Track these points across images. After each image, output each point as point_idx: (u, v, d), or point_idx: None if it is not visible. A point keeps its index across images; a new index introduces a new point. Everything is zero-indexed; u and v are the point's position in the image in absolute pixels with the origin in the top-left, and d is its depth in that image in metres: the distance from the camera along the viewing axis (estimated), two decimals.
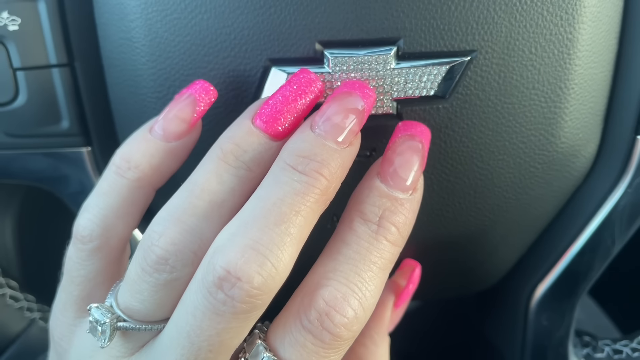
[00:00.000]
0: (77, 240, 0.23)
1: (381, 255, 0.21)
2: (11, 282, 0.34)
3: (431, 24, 0.24)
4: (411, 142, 0.23)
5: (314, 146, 0.21)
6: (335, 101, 0.22)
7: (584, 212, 0.30)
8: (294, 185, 0.20)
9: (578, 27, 0.24)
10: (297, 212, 0.20)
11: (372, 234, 0.21)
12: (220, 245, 0.19)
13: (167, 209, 0.21)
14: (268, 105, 0.22)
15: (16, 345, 0.33)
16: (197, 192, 0.21)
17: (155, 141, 0.23)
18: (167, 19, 0.24)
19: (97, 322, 0.21)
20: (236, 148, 0.22)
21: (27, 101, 0.27)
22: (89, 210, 0.23)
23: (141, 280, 0.21)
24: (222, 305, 0.19)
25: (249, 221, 0.20)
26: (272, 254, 0.19)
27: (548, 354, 0.33)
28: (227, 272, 0.19)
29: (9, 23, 0.26)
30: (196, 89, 0.24)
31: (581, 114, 0.26)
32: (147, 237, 0.21)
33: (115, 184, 0.23)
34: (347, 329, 0.20)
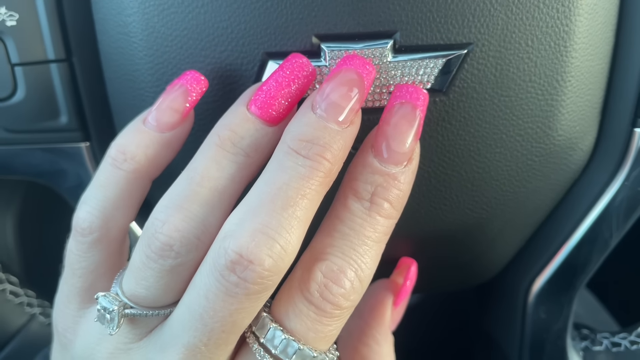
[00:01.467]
0: (77, 232, 0.24)
1: (375, 229, 0.22)
2: (11, 278, 0.35)
3: (428, 17, 0.24)
4: (405, 111, 0.22)
5: (315, 129, 0.21)
6: (334, 79, 0.22)
7: (582, 205, 0.30)
8: (299, 170, 0.20)
9: (574, 19, 0.24)
10: (302, 195, 0.20)
11: (365, 211, 0.22)
12: (230, 230, 0.20)
13: (168, 197, 0.22)
14: (262, 92, 0.22)
15: (17, 340, 0.33)
16: (198, 179, 0.22)
17: (150, 132, 0.24)
18: (164, 13, 0.24)
19: (105, 309, 0.22)
20: (233, 135, 0.22)
21: (26, 96, 0.27)
22: (87, 203, 0.24)
23: (146, 267, 0.21)
24: (234, 287, 0.20)
25: (257, 206, 0.20)
26: (281, 236, 0.20)
27: (546, 347, 0.33)
28: (240, 255, 0.19)
29: (7, 18, 0.26)
30: (187, 79, 0.24)
31: (578, 107, 0.26)
32: (150, 225, 0.21)
33: (112, 175, 0.23)
34: (346, 299, 0.21)
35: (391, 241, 0.24)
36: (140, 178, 0.24)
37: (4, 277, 0.34)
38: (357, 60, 0.22)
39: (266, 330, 0.21)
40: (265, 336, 0.21)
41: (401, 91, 0.23)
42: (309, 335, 0.21)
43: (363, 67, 0.22)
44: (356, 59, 0.22)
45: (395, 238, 0.24)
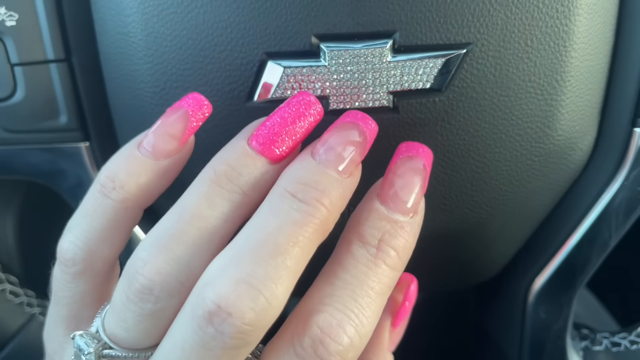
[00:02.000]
0: (60, 262, 0.22)
1: (379, 280, 0.20)
2: (11, 278, 0.35)
3: (427, 17, 0.24)
4: (412, 164, 0.22)
5: (314, 174, 0.20)
6: (337, 130, 0.21)
7: (581, 205, 0.30)
8: (293, 215, 0.19)
9: (574, 19, 0.24)
10: (294, 243, 0.19)
11: (370, 258, 0.20)
12: (211, 278, 0.19)
13: (153, 235, 0.20)
14: (265, 127, 0.21)
15: (17, 340, 0.33)
16: (187, 217, 0.20)
17: (143, 159, 0.22)
18: (164, 13, 0.24)
19: (80, 350, 0.21)
20: (230, 170, 0.21)
21: (25, 96, 0.27)
22: (72, 232, 0.22)
23: (126, 308, 0.20)
24: (212, 340, 0.18)
25: (243, 252, 0.19)
26: (267, 288, 0.18)
27: (546, 347, 0.33)
28: (218, 306, 0.18)
29: (7, 18, 0.26)
30: (189, 102, 0.23)
31: (577, 107, 0.26)
32: (131, 264, 0.20)
33: (99, 204, 0.22)
34: (342, 357, 0.19)
35: None
36: (129, 208, 0.22)
37: (3, 277, 0.34)
38: (360, 115, 0.22)
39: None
40: None
41: (408, 146, 0.23)
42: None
43: (366, 122, 0.22)
44: (359, 114, 0.22)
45: None
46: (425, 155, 0.23)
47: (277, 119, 0.21)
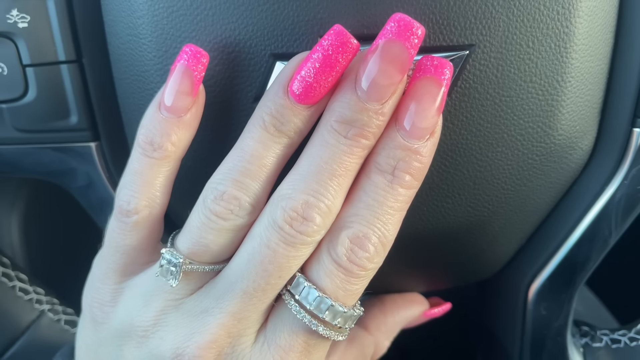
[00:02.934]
0: (120, 214, 0.26)
1: (396, 199, 0.24)
2: (20, 275, 0.35)
3: (430, 19, 0.24)
4: (429, 86, 0.23)
5: (355, 112, 0.23)
6: (379, 55, 0.22)
7: (582, 203, 0.30)
8: (341, 147, 0.23)
9: (574, 21, 0.25)
10: (345, 168, 0.23)
11: (387, 183, 0.23)
12: (287, 194, 0.23)
13: (223, 171, 0.24)
14: (302, 77, 0.23)
15: (26, 336, 0.34)
16: (247, 157, 0.24)
17: (168, 119, 0.25)
18: (173, 15, 0.25)
19: (169, 263, 0.24)
20: (275, 121, 0.24)
21: (37, 97, 0.28)
22: (127, 187, 0.26)
23: (206, 227, 0.24)
24: (292, 238, 0.23)
25: (308, 175, 0.23)
26: (328, 200, 0.23)
27: (547, 343, 0.34)
28: (295, 213, 0.23)
29: (19, 20, 0.26)
30: (187, 57, 0.25)
31: (578, 107, 0.27)
32: (209, 193, 0.24)
33: (146, 163, 0.25)
34: (370, 262, 0.24)
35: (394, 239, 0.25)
36: (170, 162, 0.26)
37: (13, 275, 0.35)
38: (405, 27, 0.22)
39: (301, 289, 0.24)
40: (300, 294, 0.24)
41: (426, 64, 0.23)
42: (338, 293, 0.24)
43: (409, 39, 0.22)
44: (405, 23, 0.22)
45: (397, 235, 0.25)
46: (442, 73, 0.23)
47: (315, 64, 0.23)
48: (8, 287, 0.34)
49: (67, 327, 0.35)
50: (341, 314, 0.24)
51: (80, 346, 0.28)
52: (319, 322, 0.24)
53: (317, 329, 0.24)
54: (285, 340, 0.24)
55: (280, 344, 0.24)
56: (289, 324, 0.24)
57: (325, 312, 0.23)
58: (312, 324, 0.24)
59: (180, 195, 0.27)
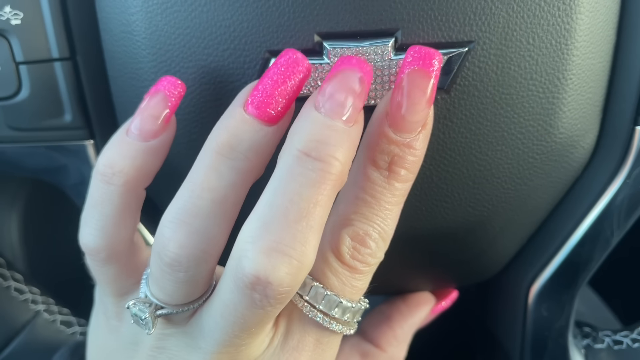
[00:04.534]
0: (87, 253, 0.25)
1: (393, 194, 0.23)
2: (16, 275, 0.35)
3: (429, 15, 0.24)
4: (418, 80, 0.22)
5: (323, 128, 0.21)
6: (335, 78, 0.22)
7: (583, 203, 0.30)
8: (310, 176, 0.20)
9: (575, 18, 0.24)
10: (315, 203, 0.20)
11: (384, 179, 0.23)
12: (244, 250, 0.20)
13: (171, 212, 0.22)
14: (258, 91, 0.22)
15: (22, 337, 0.34)
16: (198, 191, 0.22)
17: (134, 142, 0.24)
18: (167, 12, 0.25)
19: (137, 316, 0.23)
20: (232, 138, 0.22)
21: (30, 95, 0.27)
22: (87, 224, 0.24)
23: (163, 278, 0.22)
24: (259, 302, 0.21)
25: (269, 221, 0.20)
26: (296, 251, 0.20)
27: (548, 345, 0.33)
28: (257, 277, 0.20)
29: (12, 17, 0.26)
30: (164, 85, 0.24)
31: (579, 105, 0.26)
32: (158, 241, 0.22)
33: (104, 192, 0.24)
34: (372, 257, 0.23)
35: (393, 239, 0.24)
36: (133, 190, 0.24)
37: (8, 274, 0.35)
38: (355, 59, 0.22)
39: (308, 289, 0.23)
40: (308, 294, 0.23)
41: (414, 56, 0.22)
42: (345, 290, 0.23)
43: (362, 66, 0.22)
44: (354, 59, 0.22)
45: (396, 236, 0.24)
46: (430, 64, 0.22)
47: (268, 81, 0.22)
48: (3, 287, 0.34)
49: (62, 328, 0.35)
50: (350, 309, 0.24)
51: (92, 347, 0.28)
52: (331, 319, 0.24)
53: (330, 326, 0.24)
54: (297, 341, 0.24)
55: (293, 344, 0.24)
56: (300, 323, 0.24)
57: (335, 309, 0.23)
58: (325, 321, 0.24)
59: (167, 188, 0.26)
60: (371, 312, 0.36)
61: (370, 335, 0.34)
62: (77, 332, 0.35)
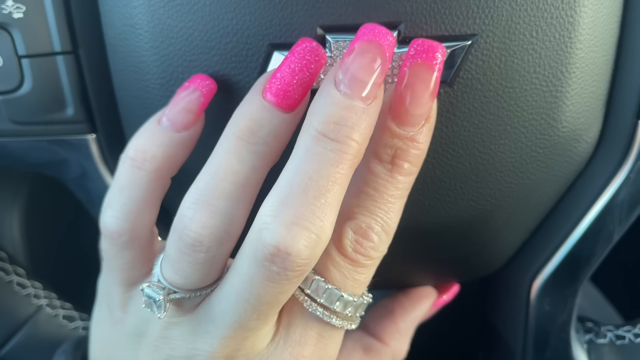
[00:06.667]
0: (107, 236, 0.25)
1: (396, 187, 0.23)
2: (18, 270, 0.35)
3: (432, 8, 0.24)
4: (422, 73, 0.22)
5: (341, 109, 0.21)
6: (357, 54, 0.21)
7: (586, 197, 0.30)
8: (328, 155, 0.21)
9: (579, 11, 0.24)
10: (333, 182, 0.21)
11: (387, 172, 0.23)
12: (265, 223, 0.21)
13: (193, 193, 0.22)
14: (276, 79, 0.22)
15: (24, 331, 0.34)
16: (221, 174, 0.22)
17: (167, 132, 0.24)
18: (170, 5, 0.25)
19: (151, 299, 0.23)
20: (252, 124, 0.22)
21: (32, 88, 0.27)
22: (112, 207, 0.24)
23: (180, 259, 0.23)
24: (276, 275, 0.21)
25: (289, 196, 0.21)
26: (315, 226, 0.21)
27: (550, 339, 0.33)
28: (277, 248, 0.20)
29: (14, 11, 0.26)
30: (198, 81, 0.25)
31: (582, 98, 0.26)
32: (179, 221, 0.22)
33: (134, 177, 0.24)
34: (375, 250, 0.24)
35: (395, 233, 0.24)
36: (161, 177, 0.25)
37: (11, 269, 0.35)
38: (377, 30, 0.22)
39: (310, 282, 0.23)
40: (309, 287, 0.23)
41: (417, 49, 0.22)
42: (347, 283, 0.23)
43: (384, 37, 0.21)
44: (376, 29, 0.22)
45: (399, 230, 0.24)
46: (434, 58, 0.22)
47: (286, 69, 0.22)
48: (5, 282, 0.34)
49: (65, 322, 0.35)
50: (351, 303, 0.24)
51: (95, 340, 0.28)
52: (331, 313, 0.24)
53: (331, 320, 0.24)
54: (300, 335, 0.24)
55: (295, 339, 0.24)
56: (302, 318, 0.24)
57: (336, 303, 0.23)
58: (325, 315, 0.24)
59: (174, 187, 0.26)
60: (373, 306, 0.36)
61: (373, 329, 0.34)
62: (79, 326, 0.35)
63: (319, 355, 0.25)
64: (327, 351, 0.25)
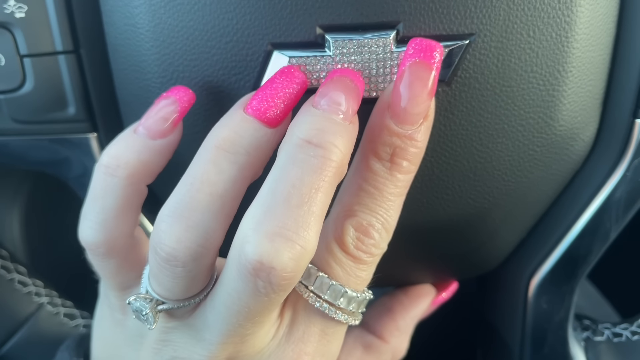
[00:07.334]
0: (86, 248, 0.25)
1: (396, 185, 0.24)
2: (19, 268, 0.35)
3: (430, 8, 0.24)
4: (420, 72, 0.22)
5: (323, 120, 0.21)
6: (331, 82, 0.23)
7: (583, 196, 0.30)
8: (311, 162, 0.20)
9: (575, 10, 0.25)
10: (316, 189, 0.20)
11: (386, 171, 0.23)
12: (247, 236, 0.20)
13: (169, 205, 0.22)
14: (258, 95, 0.23)
15: (25, 329, 0.34)
16: (197, 185, 0.21)
17: (141, 139, 0.24)
18: (171, 4, 0.25)
19: (139, 311, 0.23)
20: (233, 134, 0.22)
21: (34, 88, 0.27)
22: (87, 218, 0.24)
23: (161, 273, 0.22)
24: (263, 289, 0.21)
25: (272, 206, 0.20)
26: (299, 236, 0.20)
27: (548, 337, 0.33)
28: (261, 263, 0.20)
29: (16, 10, 0.26)
30: (175, 92, 0.25)
31: (579, 97, 0.27)
32: (155, 234, 0.22)
33: (107, 185, 0.23)
34: (376, 247, 0.24)
35: (394, 231, 0.25)
36: (135, 184, 0.24)
37: (12, 267, 0.35)
38: (348, 70, 0.23)
39: (313, 279, 0.23)
40: (314, 284, 0.23)
41: (415, 48, 0.23)
42: (350, 280, 0.24)
43: (355, 75, 0.23)
44: (347, 70, 0.23)
45: (397, 227, 0.25)
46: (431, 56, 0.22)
47: (267, 88, 0.23)
48: (6, 280, 0.34)
49: (66, 320, 0.35)
50: (355, 299, 0.24)
51: (97, 338, 0.28)
52: (336, 309, 0.24)
53: (336, 316, 0.24)
54: (303, 332, 0.24)
55: (298, 335, 0.25)
56: (305, 314, 0.25)
57: (341, 299, 0.24)
58: (330, 311, 0.24)
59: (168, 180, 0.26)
60: (373, 304, 0.36)
61: (373, 327, 0.34)
62: (80, 324, 0.35)
63: (321, 352, 0.25)
64: (329, 348, 0.25)
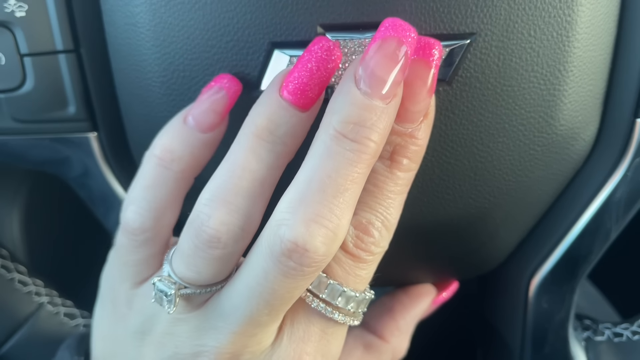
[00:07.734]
0: (127, 231, 0.25)
1: (396, 183, 0.24)
2: (19, 267, 0.35)
3: (430, 7, 0.24)
4: (419, 70, 0.22)
5: (361, 109, 0.21)
6: (377, 49, 0.21)
7: (584, 195, 0.30)
8: (346, 155, 0.21)
9: (576, 10, 0.25)
10: (351, 181, 0.21)
11: (386, 169, 0.23)
12: (283, 219, 0.21)
13: (211, 190, 0.23)
14: (293, 77, 0.23)
15: (25, 328, 0.34)
16: (239, 172, 0.22)
17: (193, 132, 0.25)
18: (171, 3, 0.25)
19: (162, 293, 0.23)
20: (270, 123, 0.23)
21: (34, 87, 0.27)
22: (136, 204, 0.25)
23: (195, 255, 0.23)
24: (292, 271, 0.21)
25: (308, 194, 0.21)
26: (333, 224, 0.21)
27: (549, 337, 0.33)
28: (295, 244, 0.21)
29: (16, 9, 0.26)
30: (225, 82, 0.25)
31: (580, 97, 0.27)
32: (196, 217, 0.23)
33: (160, 176, 0.25)
34: (376, 246, 0.24)
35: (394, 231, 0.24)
36: (187, 177, 0.25)
37: (12, 267, 0.35)
38: (399, 25, 0.22)
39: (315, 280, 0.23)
40: (312, 283, 0.23)
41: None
42: (349, 279, 0.24)
43: (405, 33, 0.21)
44: (398, 24, 0.22)
45: (397, 227, 0.25)
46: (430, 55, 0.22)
47: (303, 68, 0.23)
48: (7, 279, 0.34)
49: (66, 320, 0.35)
50: (354, 298, 0.24)
51: (97, 336, 0.28)
52: (334, 309, 0.24)
53: (333, 316, 0.24)
54: (303, 332, 0.25)
55: (299, 335, 0.25)
56: (305, 314, 0.25)
57: (339, 299, 0.24)
58: (327, 311, 0.24)
59: None
60: (373, 304, 0.36)
61: (373, 326, 0.34)
62: (80, 324, 0.35)
63: (322, 352, 0.25)
64: (330, 348, 0.25)
